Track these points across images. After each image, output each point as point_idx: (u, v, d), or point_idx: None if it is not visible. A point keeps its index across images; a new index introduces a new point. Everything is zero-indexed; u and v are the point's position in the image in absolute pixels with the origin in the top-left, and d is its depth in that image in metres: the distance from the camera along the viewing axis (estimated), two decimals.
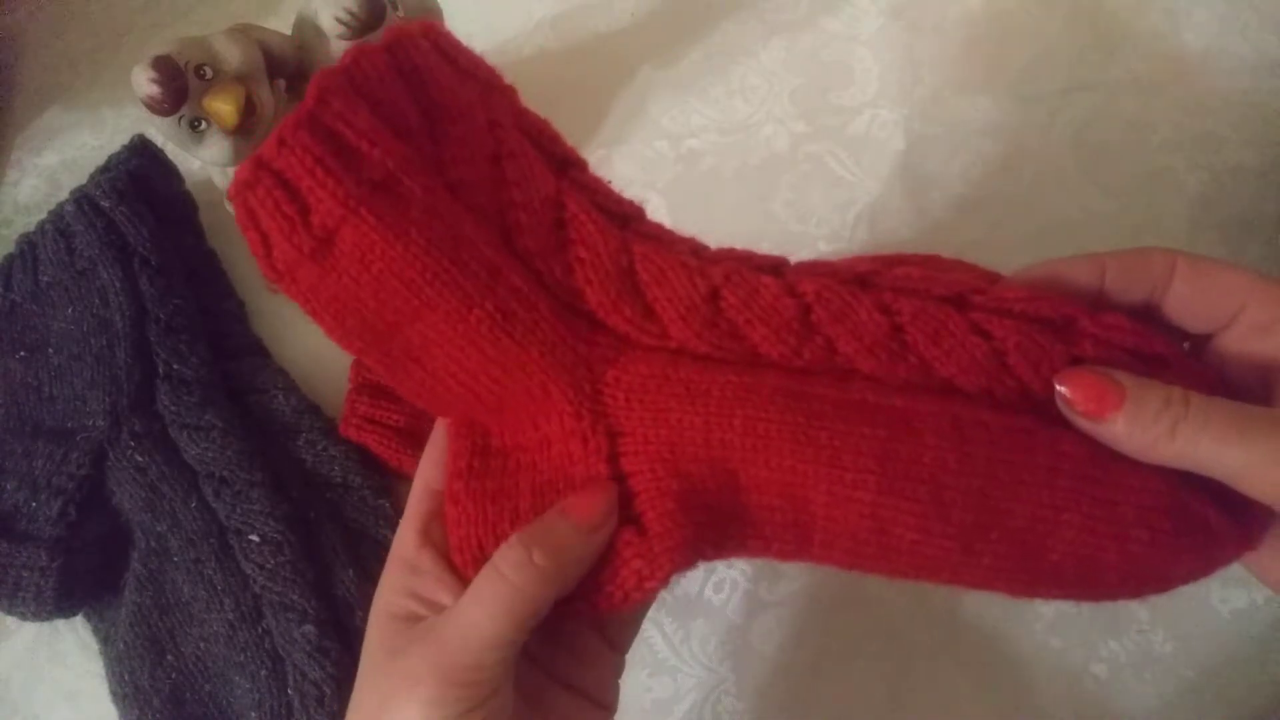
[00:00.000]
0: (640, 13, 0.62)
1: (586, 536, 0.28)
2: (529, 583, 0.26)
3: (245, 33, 0.45)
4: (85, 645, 0.49)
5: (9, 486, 0.48)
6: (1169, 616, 0.44)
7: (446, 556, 0.29)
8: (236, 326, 0.53)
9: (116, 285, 0.48)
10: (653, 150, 0.57)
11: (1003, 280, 0.30)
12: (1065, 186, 0.54)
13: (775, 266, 0.30)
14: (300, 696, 0.43)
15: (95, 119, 0.62)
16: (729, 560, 0.41)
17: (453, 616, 0.27)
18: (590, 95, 0.59)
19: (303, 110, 0.26)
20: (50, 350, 0.49)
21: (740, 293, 0.29)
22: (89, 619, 0.48)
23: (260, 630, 0.44)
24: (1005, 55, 0.57)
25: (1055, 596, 0.28)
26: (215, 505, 0.46)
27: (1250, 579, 0.31)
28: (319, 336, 0.53)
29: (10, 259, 0.50)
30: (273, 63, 0.45)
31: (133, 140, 0.53)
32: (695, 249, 0.31)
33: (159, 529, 0.46)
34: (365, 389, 0.49)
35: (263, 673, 0.44)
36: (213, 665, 0.45)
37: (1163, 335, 0.28)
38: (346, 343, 0.29)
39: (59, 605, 0.46)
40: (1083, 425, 0.27)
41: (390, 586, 0.29)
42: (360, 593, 0.45)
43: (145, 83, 0.42)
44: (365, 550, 0.47)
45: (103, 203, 0.48)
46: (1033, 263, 0.31)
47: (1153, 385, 0.26)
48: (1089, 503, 0.26)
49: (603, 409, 0.29)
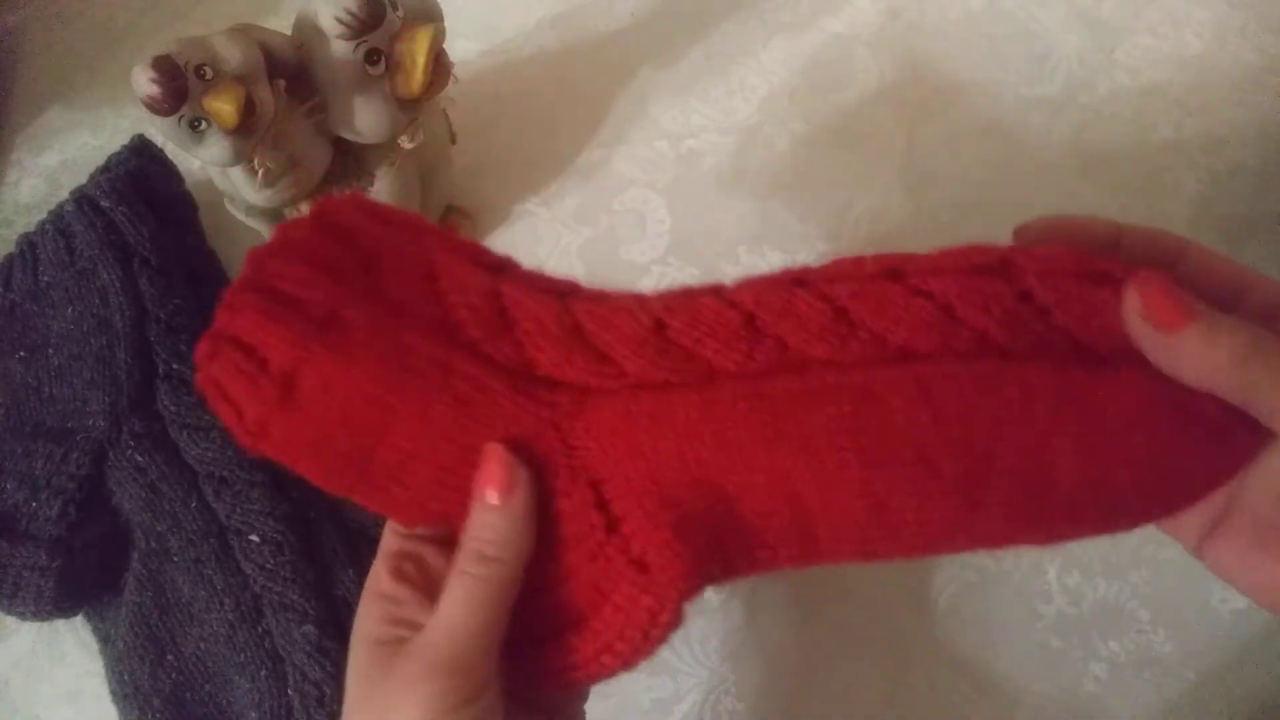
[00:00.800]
0: (640, 13, 0.62)
1: (508, 507, 0.29)
2: (490, 572, 0.28)
3: (245, 33, 0.45)
4: (85, 645, 0.49)
5: (9, 486, 0.48)
6: (1169, 616, 0.44)
7: (422, 589, 0.30)
8: None
9: (116, 285, 0.48)
10: (653, 150, 0.57)
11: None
12: (1065, 186, 0.54)
13: (715, 289, 0.31)
14: (300, 696, 0.43)
15: (95, 119, 0.62)
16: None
17: (435, 621, 0.28)
18: (590, 95, 0.59)
19: (241, 278, 0.29)
20: (50, 350, 0.49)
21: (683, 317, 0.29)
22: (89, 619, 0.48)
23: (260, 630, 0.44)
24: (1005, 55, 0.57)
25: (1086, 532, 0.27)
26: (215, 505, 0.46)
27: None
28: None
29: (10, 259, 0.50)
30: (273, 63, 0.45)
31: (133, 140, 0.53)
32: (638, 298, 0.32)
33: (159, 529, 0.46)
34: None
35: (263, 673, 0.44)
36: (213, 665, 0.45)
37: (1105, 257, 0.28)
38: (331, 483, 0.30)
39: (59, 605, 0.46)
40: (1148, 339, 0.26)
41: (369, 616, 0.30)
42: (360, 593, 0.45)
43: (145, 83, 0.42)
44: (365, 550, 0.47)
45: (103, 203, 0.48)
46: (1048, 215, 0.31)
47: (1217, 312, 0.25)
48: (1074, 421, 0.26)
49: (579, 462, 0.30)
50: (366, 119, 0.47)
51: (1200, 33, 0.57)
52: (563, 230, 0.56)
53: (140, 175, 0.51)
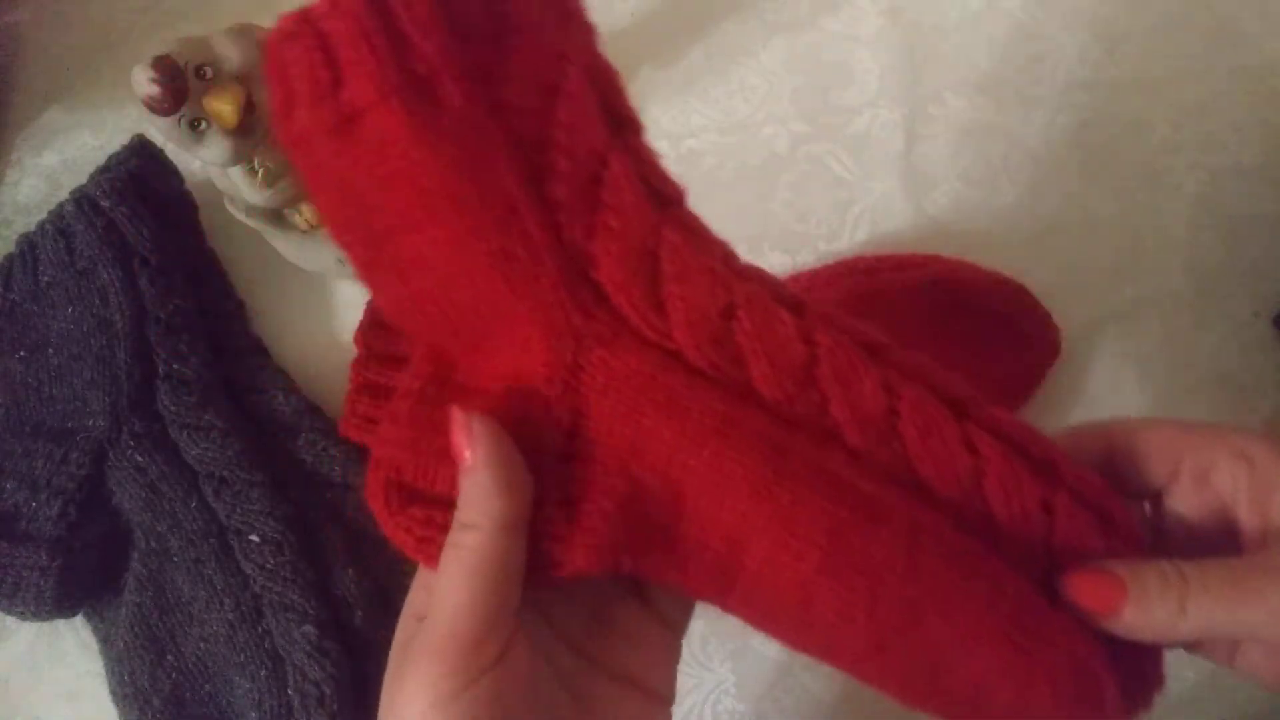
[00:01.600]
0: (640, 13, 0.62)
1: (475, 473, 0.27)
2: (471, 539, 0.26)
3: (245, 33, 0.45)
4: (85, 645, 0.49)
5: (9, 486, 0.48)
6: None
7: None
8: (236, 326, 0.53)
9: (116, 285, 0.48)
10: None
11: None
12: (1065, 186, 0.54)
13: (797, 305, 0.28)
14: (300, 696, 0.43)
15: (95, 119, 0.62)
16: None
17: (434, 600, 0.27)
18: None
19: None
20: (50, 350, 0.49)
21: (756, 319, 0.27)
22: (89, 619, 0.48)
23: (260, 630, 0.44)
24: (1005, 55, 0.57)
25: (938, 714, 0.28)
26: (215, 505, 0.46)
27: None
28: (319, 336, 0.54)
29: (10, 259, 0.50)
30: None
31: (133, 140, 0.53)
32: (728, 255, 0.29)
33: (159, 529, 0.46)
34: (365, 389, 0.49)
35: (263, 673, 0.44)
36: (213, 665, 0.45)
37: (1121, 500, 0.28)
38: (336, 231, 0.28)
39: (59, 605, 0.46)
40: (1103, 626, 0.27)
41: (416, 586, 0.29)
42: (360, 593, 0.45)
43: (145, 83, 0.42)
44: (365, 550, 0.47)
45: (103, 203, 0.48)
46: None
47: (1144, 566, 0.26)
48: (1009, 647, 0.26)
49: (577, 385, 0.28)
50: None
51: (1200, 33, 0.57)
52: None
53: (140, 175, 0.51)
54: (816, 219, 0.54)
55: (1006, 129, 0.56)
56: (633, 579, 0.30)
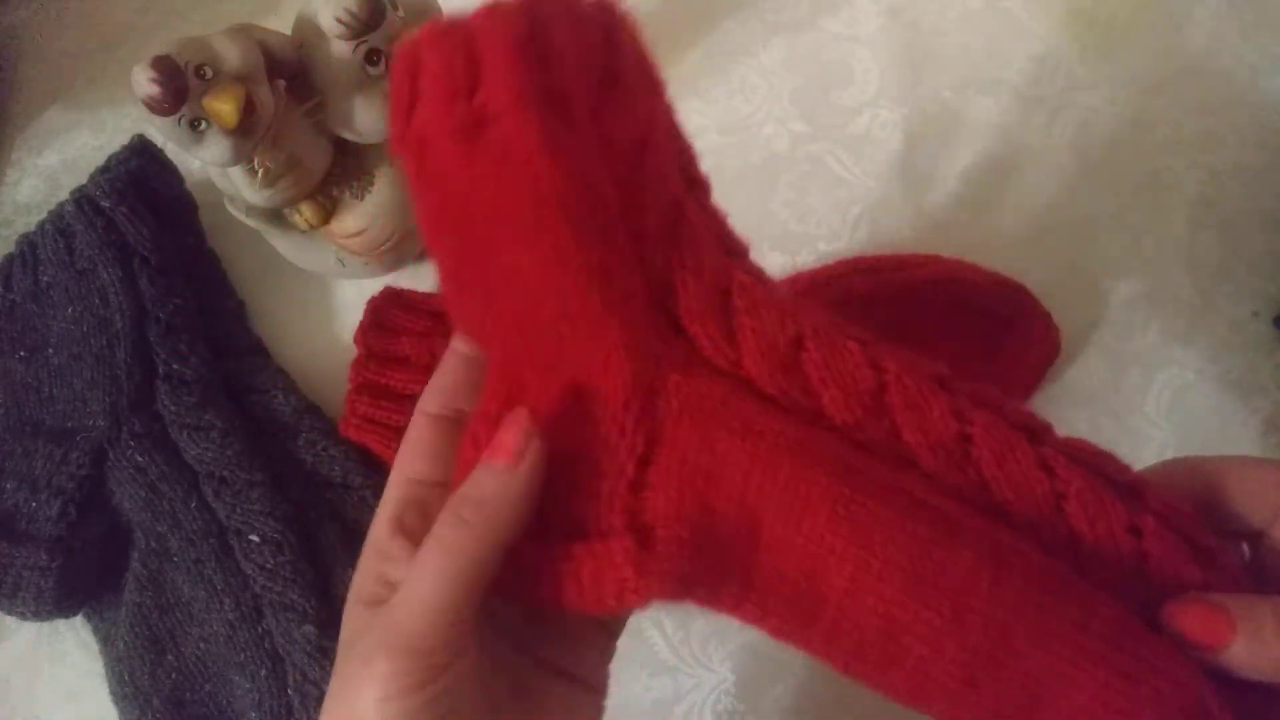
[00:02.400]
0: (640, 13, 0.61)
1: (507, 476, 0.27)
2: (463, 541, 0.26)
3: (245, 33, 0.45)
4: (85, 645, 0.49)
5: (9, 486, 0.48)
6: None
7: (418, 542, 0.28)
8: (236, 326, 0.53)
9: (116, 285, 0.48)
10: None
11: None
12: (1065, 186, 0.54)
13: (863, 340, 0.29)
14: (300, 696, 0.43)
15: (95, 119, 0.62)
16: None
17: (400, 591, 0.26)
18: None
19: None
20: (50, 350, 0.49)
21: (824, 349, 0.28)
22: (89, 619, 0.48)
23: (260, 630, 0.44)
24: (1005, 55, 0.57)
25: None
26: (215, 505, 0.46)
27: None
28: (319, 336, 0.54)
29: (10, 259, 0.50)
30: (273, 63, 0.45)
31: (133, 140, 0.53)
32: (793, 299, 0.30)
33: (159, 529, 0.46)
34: (365, 389, 0.49)
35: (263, 673, 0.44)
36: (213, 665, 0.45)
37: (1215, 535, 0.27)
38: (432, 239, 0.28)
39: (59, 605, 0.46)
40: (1208, 659, 0.26)
41: (363, 573, 0.29)
42: None
43: (145, 83, 0.42)
44: None
45: (103, 203, 0.48)
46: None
47: (1258, 602, 0.26)
48: (1109, 671, 0.25)
49: (653, 409, 0.28)
50: (366, 119, 0.47)
51: (1200, 33, 0.57)
52: None
53: (140, 175, 0.51)
54: (816, 219, 0.54)
55: (1006, 129, 0.56)
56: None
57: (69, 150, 0.61)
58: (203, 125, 0.44)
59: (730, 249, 0.30)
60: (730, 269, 0.29)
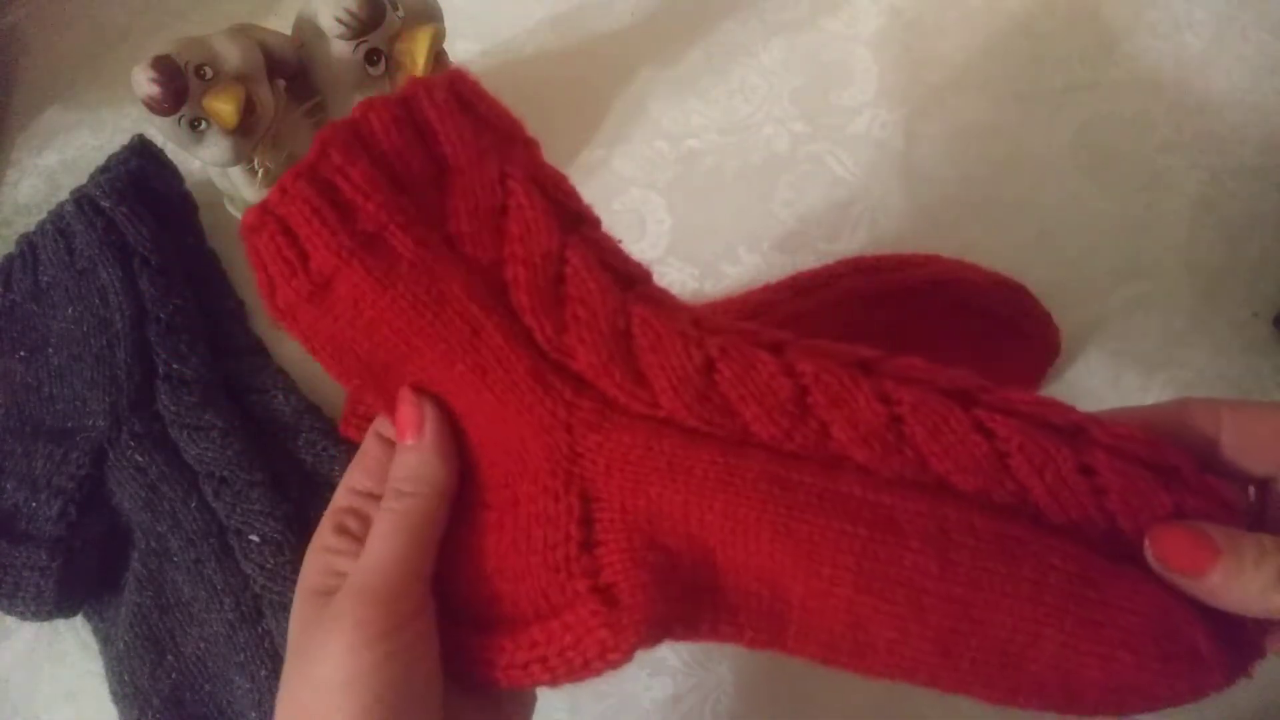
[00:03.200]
0: (640, 13, 0.62)
1: (419, 447, 0.30)
2: (407, 506, 0.30)
3: (245, 33, 0.45)
4: (85, 645, 0.49)
5: (9, 486, 0.48)
6: None
7: (359, 543, 0.31)
8: (236, 326, 0.53)
9: (116, 285, 0.48)
10: (653, 150, 0.57)
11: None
12: (1065, 186, 0.54)
13: (776, 344, 0.29)
14: None
15: (95, 119, 0.62)
16: None
17: (360, 559, 0.29)
18: (590, 95, 0.59)
19: (304, 162, 0.28)
20: (50, 350, 0.49)
21: (735, 367, 0.28)
22: (89, 619, 0.48)
23: (260, 630, 0.44)
24: (1005, 55, 0.57)
25: (1036, 707, 0.27)
26: (215, 505, 0.46)
27: None
28: None
29: (10, 259, 0.50)
30: (273, 63, 0.45)
31: (133, 140, 0.53)
32: (697, 319, 0.30)
33: (159, 529, 0.46)
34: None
35: (263, 673, 0.44)
36: (213, 665, 0.45)
37: (1177, 448, 0.27)
38: (345, 379, 0.31)
39: (59, 605, 0.46)
40: (1178, 582, 0.26)
41: (312, 568, 0.31)
42: None
43: (145, 83, 0.42)
44: None
45: (103, 203, 0.48)
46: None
47: (1243, 535, 0.26)
48: (1073, 621, 0.26)
49: (580, 472, 0.29)
50: None
51: (1200, 33, 0.57)
52: None
53: (140, 175, 0.51)
54: (816, 219, 0.54)
55: (1006, 129, 0.56)
56: None
57: (69, 150, 0.61)
58: (203, 125, 0.44)
59: (628, 276, 0.30)
60: (627, 306, 0.29)
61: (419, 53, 0.45)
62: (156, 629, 0.46)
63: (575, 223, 0.30)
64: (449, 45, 0.49)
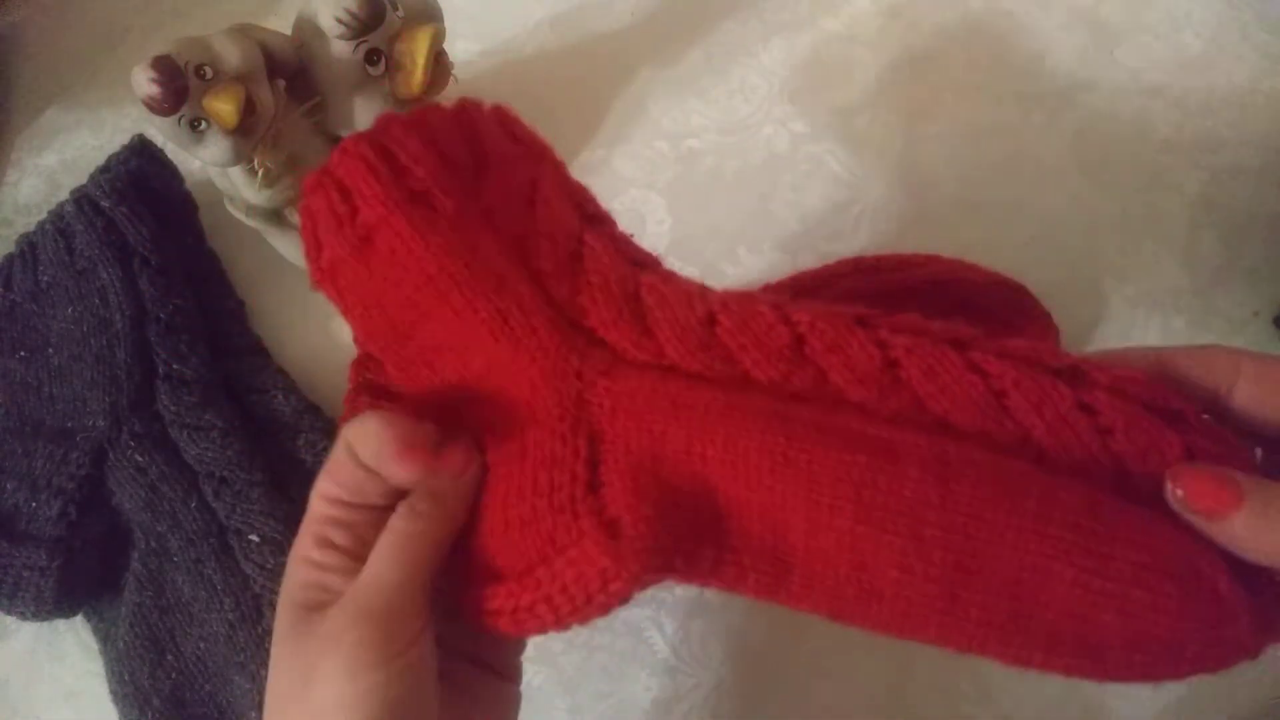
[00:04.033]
0: (640, 13, 0.62)
1: (454, 481, 0.31)
2: (418, 527, 0.29)
3: (245, 33, 0.45)
4: (85, 645, 0.49)
5: (9, 486, 0.48)
6: None
7: (349, 556, 0.30)
8: (236, 326, 0.53)
9: (116, 285, 0.48)
10: (653, 150, 0.57)
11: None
12: (1065, 186, 0.54)
13: (775, 301, 0.30)
14: None
15: (95, 119, 0.62)
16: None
17: (362, 577, 0.29)
18: (590, 95, 0.59)
19: (365, 132, 0.31)
20: (50, 350, 0.49)
21: (735, 318, 0.29)
22: (89, 619, 0.48)
23: (260, 630, 0.44)
24: (1005, 55, 0.57)
25: (1057, 667, 0.26)
26: (215, 505, 0.46)
27: None
28: (319, 336, 0.54)
29: (10, 259, 0.50)
30: (273, 63, 0.45)
31: (133, 140, 0.53)
32: (702, 289, 0.32)
33: (159, 529, 0.46)
34: (365, 389, 0.49)
35: (263, 673, 0.44)
36: (213, 665, 0.45)
37: (1180, 394, 0.27)
38: (371, 341, 0.33)
39: (59, 605, 0.46)
40: (1199, 524, 0.25)
41: (296, 582, 0.30)
42: None
43: (145, 83, 0.42)
44: None
45: (103, 203, 0.48)
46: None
47: (1270, 483, 0.25)
48: (1081, 554, 0.25)
49: (587, 414, 0.30)
50: (366, 119, 0.47)
51: (1200, 33, 0.57)
52: None
53: (140, 175, 0.51)
54: (816, 219, 0.54)
55: (1006, 129, 0.56)
56: None
57: (69, 150, 0.61)
58: (203, 125, 0.43)
59: (639, 262, 0.33)
60: (637, 275, 0.32)
61: (419, 53, 0.45)
62: (156, 629, 0.46)
63: (592, 220, 0.33)
64: (449, 45, 0.49)
